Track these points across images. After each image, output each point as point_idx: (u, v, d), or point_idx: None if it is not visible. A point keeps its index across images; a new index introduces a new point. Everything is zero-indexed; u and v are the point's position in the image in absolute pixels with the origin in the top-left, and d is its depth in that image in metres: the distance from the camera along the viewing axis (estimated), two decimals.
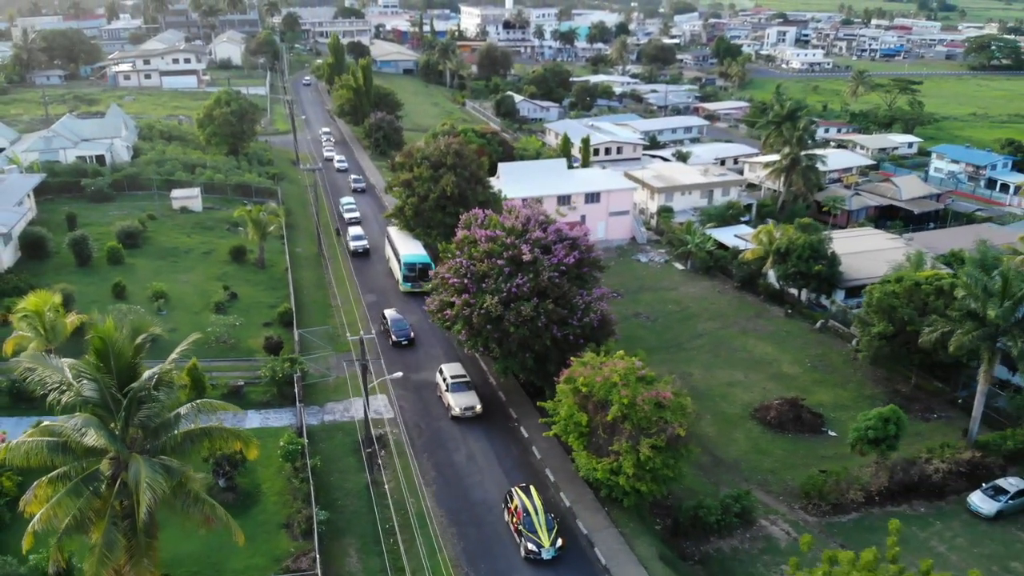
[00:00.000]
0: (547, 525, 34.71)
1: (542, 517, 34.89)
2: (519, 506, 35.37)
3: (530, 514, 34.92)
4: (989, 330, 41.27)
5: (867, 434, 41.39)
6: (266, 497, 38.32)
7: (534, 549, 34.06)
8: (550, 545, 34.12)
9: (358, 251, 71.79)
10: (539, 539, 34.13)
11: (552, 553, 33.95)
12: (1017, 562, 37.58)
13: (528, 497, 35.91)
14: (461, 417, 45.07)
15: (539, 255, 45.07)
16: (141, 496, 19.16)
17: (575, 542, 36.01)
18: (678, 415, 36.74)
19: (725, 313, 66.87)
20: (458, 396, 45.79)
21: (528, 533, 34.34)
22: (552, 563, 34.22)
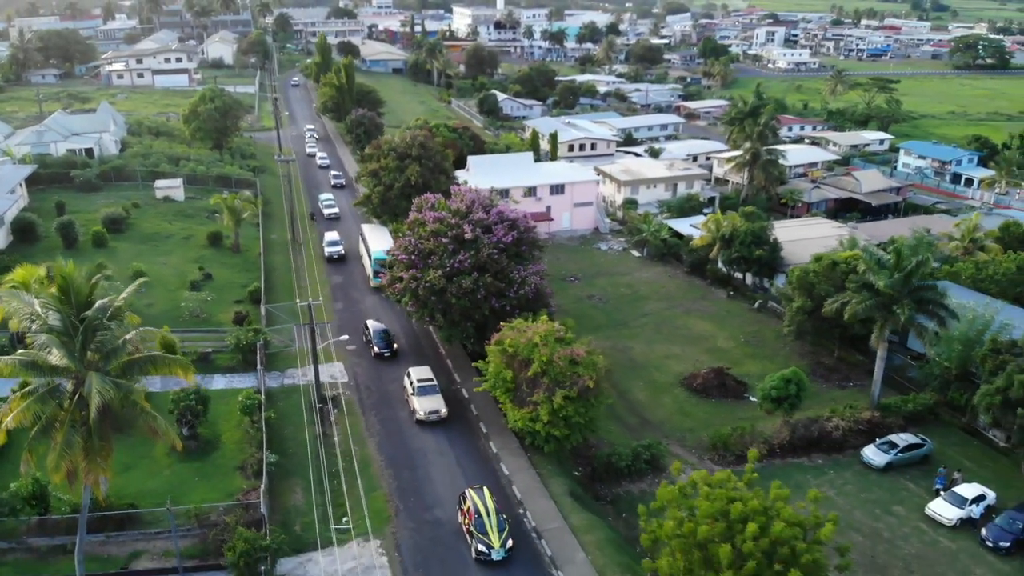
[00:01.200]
0: (498, 527, 35.24)
1: (494, 519, 35.40)
2: (471, 508, 35.93)
3: (482, 516, 35.43)
4: (882, 299, 46.15)
5: (771, 393, 46.41)
6: (225, 445, 43.33)
7: (484, 550, 34.61)
8: (500, 546, 34.67)
9: (333, 257, 71.50)
10: (489, 540, 34.68)
11: (502, 554, 34.60)
12: (900, 506, 42.39)
13: (481, 498, 36.48)
14: (425, 421, 45.43)
15: (480, 234, 50.09)
16: (92, 401, 24.08)
17: (495, 472, 41.05)
18: (589, 370, 41.69)
19: (672, 295, 71.79)
20: (423, 400, 46.19)
21: (479, 535, 34.89)
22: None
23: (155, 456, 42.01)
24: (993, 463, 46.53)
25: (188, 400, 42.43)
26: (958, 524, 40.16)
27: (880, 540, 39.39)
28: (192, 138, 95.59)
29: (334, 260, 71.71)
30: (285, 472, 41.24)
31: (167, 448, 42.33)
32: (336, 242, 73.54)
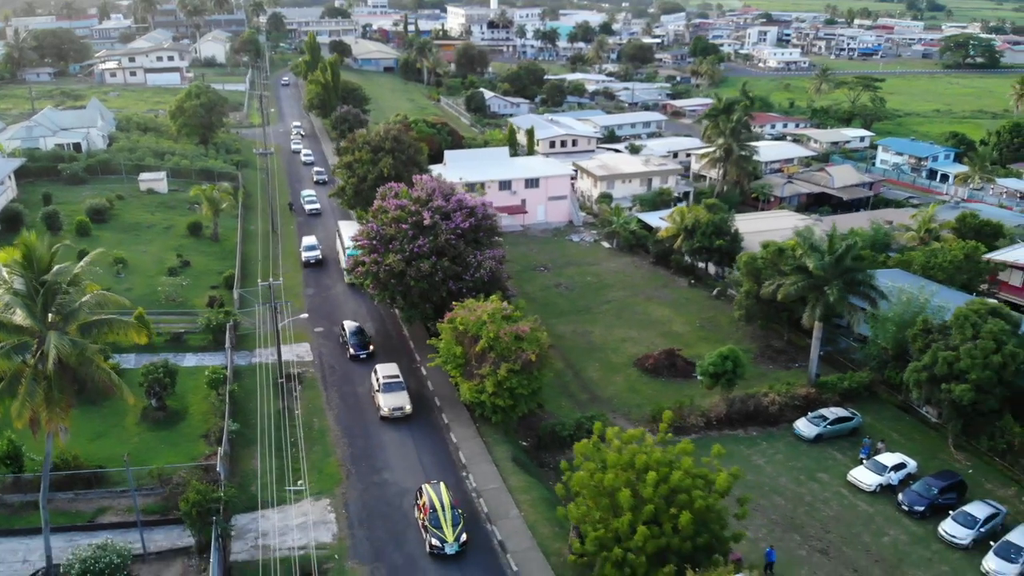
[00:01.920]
0: (452, 521, 35.58)
1: (448, 513, 35.72)
2: (427, 503, 36.38)
3: (436, 511, 35.82)
4: (814, 281, 49.12)
5: (709, 369, 49.44)
6: (192, 416, 46.38)
7: (437, 544, 35.07)
8: (453, 540, 35.10)
9: (310, 262, 70.11)
10: (443, 535, 35.10)
11: (455, 548, 35.05)
12: (825, 474, 45.31)
13: (437, 493, 36.83)
14: (390, 418, 46.07)
15: (439, 220, 53.11)
16: (49, 355, 27.13)
17: (443, 440, 44.12)
18: (533, 345, 44.66)
19: (636, 284, 74.78)
20: (388, 396, 46.61)
21: (433, 529, 35.35)
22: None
23: (125, 425, 45.07)
24: (922, 436, 49.43)
25: (157, 373, 45.46)
26: (877, 490, 43.06)
27: (801, 503, 42.30)
28: (178, 133, 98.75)
29: (311, 265, 70.10)
30: (246, 441, 44.24)
31: (136, 418, 45.82)
32: (313, 247, 71.80)
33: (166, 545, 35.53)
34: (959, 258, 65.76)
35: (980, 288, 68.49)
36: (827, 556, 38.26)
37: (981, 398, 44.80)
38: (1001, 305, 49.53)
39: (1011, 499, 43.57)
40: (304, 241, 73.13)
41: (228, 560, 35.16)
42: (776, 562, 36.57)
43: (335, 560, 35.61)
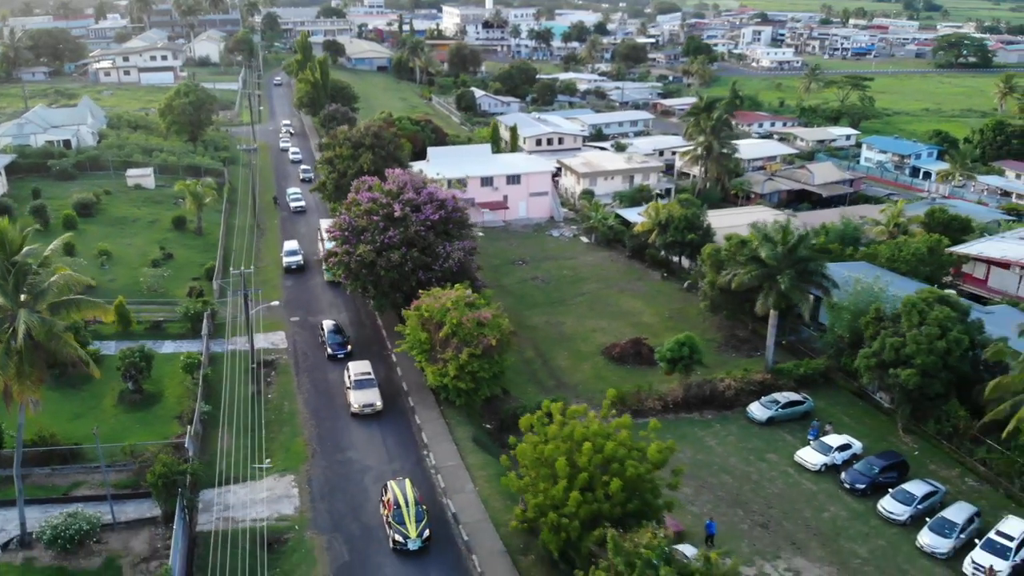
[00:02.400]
0: (416, 517, 36.03)
1: (412, 510, 36.18)
2: (392, 499, 36.86)
3: (400, 507, 36.27)
4: (767, 270, 51.11)
5: (667, 354, 51.45)
6: (167, 399, 48.42)
7: (400, 540, 35.60)
8: (416, 536, 35.62)
9: (291, 268, 69.13)
10: (406, 531, 35.62)
11: (418, 544, 35.62)
12: (774, 454, 47.26)
13: (402, 490, 37.31)
14: (360, 414, 46.91)
15: (409, 212, 55.14)
16: (19, 329, 29.18)
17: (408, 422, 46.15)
18: (494, 331, 46.65)
19: (611, 277, 76.74)
20: (359, 393, 47.49)
21: (396, 525, 35.83)
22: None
23: (103, 407, 47.13)
24: (873, 420, 51.39)
25: (133, 357, 47.51)
26: (823, 469, 45.00)
27: (748, 481, 44.25)
28: (168, 131, 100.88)
29: (292, 271, 69.13)
30: (218, 422, 46.24)
31: (114, 400, 47.88)
32: (294, 251, 70.77)
33: (134, 515, 37.54)
34: (922, 251, 67.80)
35: (944, 280, 70.52)
36: (767, 529, 40.21)
37: (927, 382, 46.77)
38: (950, 294, 51.47)
39: (954, 479, 45.47)
40: (285, 246, 72.18)
41: (194, 530, 37.21)
42: (716, 534, 38.49)
43: (295, 530, 37.66)
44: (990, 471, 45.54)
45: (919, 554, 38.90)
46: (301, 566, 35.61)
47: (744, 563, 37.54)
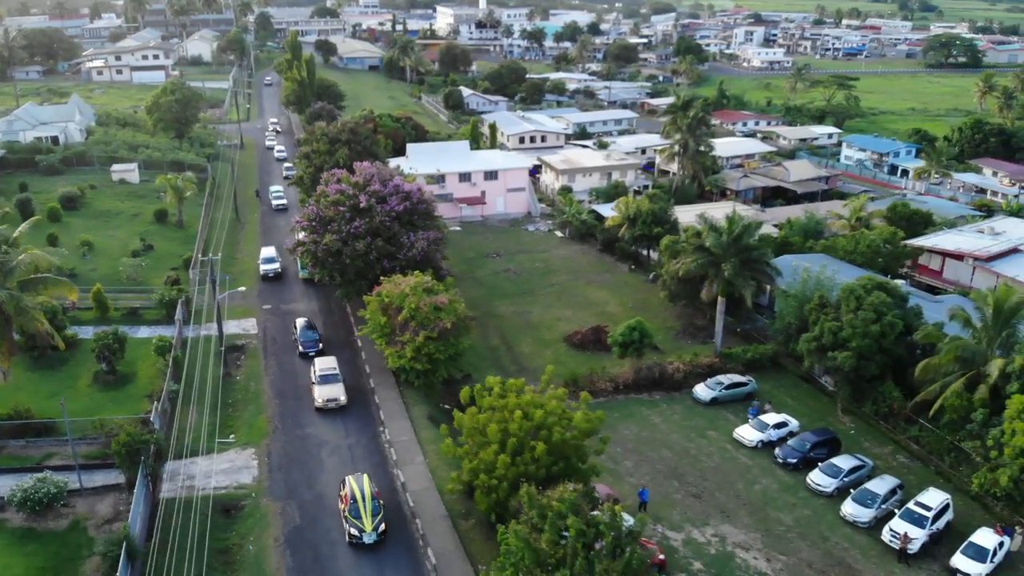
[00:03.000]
0: (372, 511, 36.69)
1: (368, 504, 36.81)
2: (348, 493, 37.57)
3: (357, 502, 36.96)
4: (713, 258, 53.74)
5: (619, 339, 54.12)
6: (139, 379, 51.09)
7: (356, 534, 36.27)
8: (372, 530, 36.26)
9: (268, 276, 67.95)
10: (362, 525, 36.29)
11: (373, 538, 36.22)
12: (714, 432, 49.84)
13: (359, 484, 37.95)
14: (324, 408, 47.99)
15: (375, 204, 57.83)
16: None
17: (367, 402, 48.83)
18: (450, 314, 49.29)
19: (581, 269, 79.38)
20: (323, 388, 48.64)
21: (353, 519, 36.55)
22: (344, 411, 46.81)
23: (78, 387, 49.76)
24: (815, 402, 54.03)
25: (107, 340, 50.17)
26: (759, 446, 47.60)
27: (687, 456, 46.86)
28: (155, 128, 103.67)
29: (270, 279, 67.95)
30: (187, 400, 48.85)
31: (89, 380, 50.55)
32: (272, 259, 69.46)
33: (101, 483, 40.19)
34: (877, 243, 70.46)
35: (900, 271, 73.18)
36: (699, 499, 42.80)
37: (863, 364, 49.43)
38: (887, 281, 54.00)
39: (886, 456, 48.06)
40: (263, 253, 70.79)
41: (157, 497, 39.85)
42: (649, 502, 41.10)
43: (252, 498, 40.33)
44: (921, 449, 48.14)
45: (842, 523, 41.46)
46: (255, 529, 38.29)
47: (673, 529, 40.30)
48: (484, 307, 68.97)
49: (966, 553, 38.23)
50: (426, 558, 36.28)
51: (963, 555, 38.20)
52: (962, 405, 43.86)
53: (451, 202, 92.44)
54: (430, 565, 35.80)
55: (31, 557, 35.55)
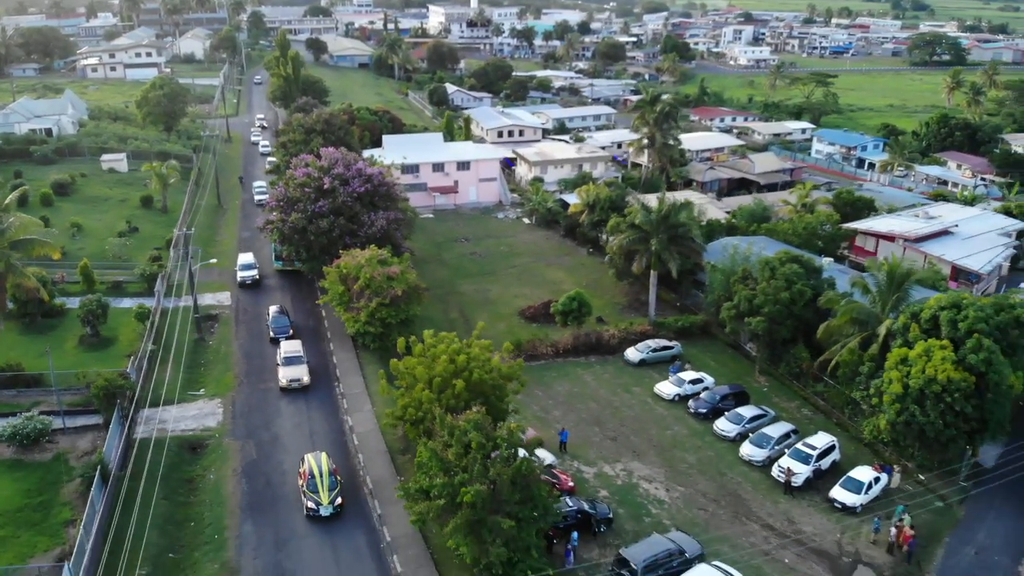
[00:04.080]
0: (329, 486, 39.50)
1: (326, 480, 39.68)
2: (307, 470, 40.37)
3: (315, 477, 39.79)
4: (643, 234, 59.49)
5: (559, 308, 59.89)
6: (120, 342, 56.89)
7: (313, 507, 39.03)
8: (328, 503, 39.05)
9: (246, 283, 67.78)
10: (319, 499, 39.10)
11: (330, 511, 39.02)
12: (638, 387, 55.37)
13: (317, 462, 40.75)
14: (287, 388, 51.11)
15: (338, 185, 63.64)
16: None
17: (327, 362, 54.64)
18: (402, 283, 55.05)
19: (543, 252, 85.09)
20: (287, 369, 51.86)
21: (310, 493, 39.29)
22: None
23: (65, 348, 55.49)
24: (737, 364, 59.78)
25: (92, 306, 55.99)
26: (676, 399, 53.28)
27: (610, 407, 52.54)
28: (144, 121, 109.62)
29: (247, 286, 67.96)
30: (163, 361, 54.62)
31: (75, 343, 56.34)
32: (249, 265, 69.32)
33: (81, 424, 45.98)
34: (815, 226, 76.24)
35: (837, 252, 78.78)
36: (615, 442, 48.49)
37: (774, 329, 55.06)
38: (802, 255, 59.55)
39: (793, 410, 53.70)
40: (240, 259, 70.68)
41: (132, 437, 45.60)
42: (568, 442, 46.83)
43: (215, 438, 46.17)
44: (825, 403, 53.82)
45: (740, 463, 47.09)
46: (217, 462, 44.11)
47: (588, 465, 46.03)
48: (447, 286, 74.67)
49: (844, 486, 43.88)
50: (364, 484, 42.07)
51: (841, 487, 43.86)
52: (853, 361, 49.53)
53: (425, 191, 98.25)
54: (367, 489, 41.60)
55: (19, 482, 41.35)
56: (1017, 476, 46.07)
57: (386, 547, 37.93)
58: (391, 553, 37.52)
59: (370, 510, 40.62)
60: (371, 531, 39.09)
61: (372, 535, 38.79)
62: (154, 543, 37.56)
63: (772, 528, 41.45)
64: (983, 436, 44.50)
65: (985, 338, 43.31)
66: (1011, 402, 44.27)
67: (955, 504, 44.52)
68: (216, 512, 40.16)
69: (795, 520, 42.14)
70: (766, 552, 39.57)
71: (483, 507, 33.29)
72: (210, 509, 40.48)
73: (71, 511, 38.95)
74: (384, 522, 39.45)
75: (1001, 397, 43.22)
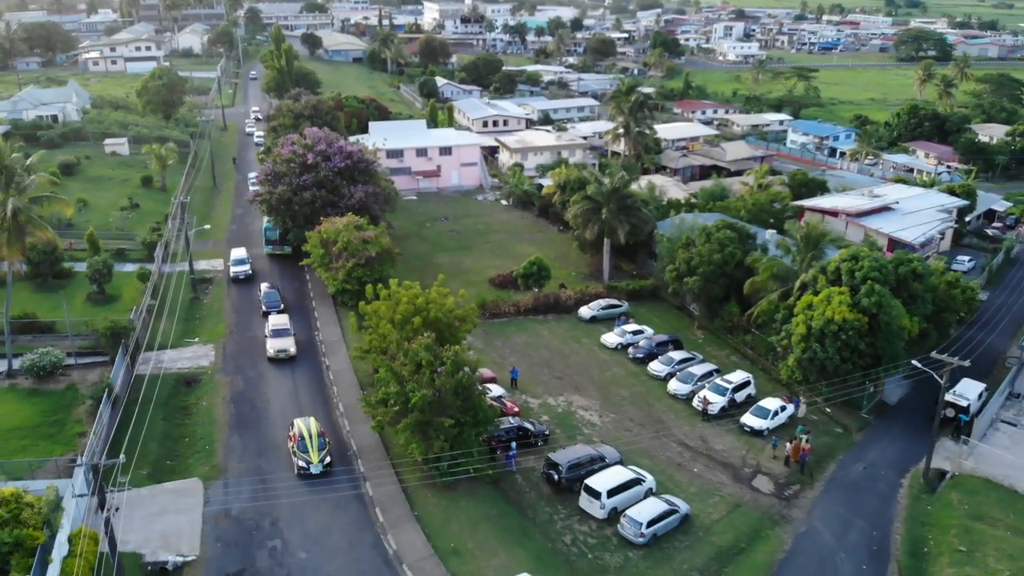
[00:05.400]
0: (318, 447, 42.85)
1: (315, 441, 43.06)
2: (297, 433, 43.78)
3: (304, 439, 43.18)
4: (595, 204, 66.60)
5: (521, 271, 67.01)
6: (124, 299, 64.07)
7: (303, 465, 42.25)
8: (318, 462, 42.30)
9: (239, 278, 69.20)
10: (309, 458, 42.41)
11: (319, 468, 42.25)
12: (587, 339, 62.42)
13: (307, 425, 44.20)
14: (275, 359, 54.94)
15: (320, 161, 70.79)
16: (8, 210, 44.77)
17: (308, 317, 61.82)
18: (376, 246, 62.12)
19: (516, 230, 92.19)
20: (274, 341, 55.85)
21: (301, 453, 42.61)
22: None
23: (74, 303, 62.65)
24: (679, 321, 66.87)
25: (98, 266, 63.19)
26: (618, 347, 60.36)
27: (560, 354, 59.62)
28: (144, 109, 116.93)
29: (240, 281, 69.49)
30: (161, 314, 61.67)
31: (83, 299, 63.53)
32: (242, 260, 71.03)
33: (90, 362, 53.15)
34: (764, 202, 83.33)
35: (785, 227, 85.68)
36: (560, 380, 55.59)
37: (709, 287, 62.22)
38: (736, 222, 66.58)
39: (723, 357, 60.60)
40: (233, 254, 72.57)
41: (134, 372, 52.72)
42: (518, 379, 53.93)
43: (207, 374, 53.31)
44: (753, 351, 60.87)
45: (667, 396, 54.12)
46: (209, 393, 51.28)
47: (534, 397, 53.12)
48: (426, 258, 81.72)
49: (753, 413, 50.95)
50: (336, 410, 49.25)
51: (751, 414, 50.92)
52: (770, 310, 56.59)
53: (409, 175, 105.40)
54: (339, 412, 48.79)
55: (36, 406, 48.51)
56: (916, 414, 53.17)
57: (352, 455, 45.05)
58: (357, 458, 44.64)
59: (341, 424, 47.86)
60: (341, 441, 46.21)
61: (342, 445, 45.88)
62: (153, 452, 44.70)
63: (687, 446, 48.52)
64: (878, 371, 51.49)
65: (877, 284, 50.34)
66: (902, 341, 51.19)
67: (854, 431, 51.55)
68: (207, 429, 47.30)
69: (708, 440, 49.21)
70: (679, 464, 46.64)
71: (429, 410, 40.43)
72: (202, 427, 47.61)
73: (82, 426, 46.07)
74: (351, 436, 46.60)
75: (891, 336, 50.22)
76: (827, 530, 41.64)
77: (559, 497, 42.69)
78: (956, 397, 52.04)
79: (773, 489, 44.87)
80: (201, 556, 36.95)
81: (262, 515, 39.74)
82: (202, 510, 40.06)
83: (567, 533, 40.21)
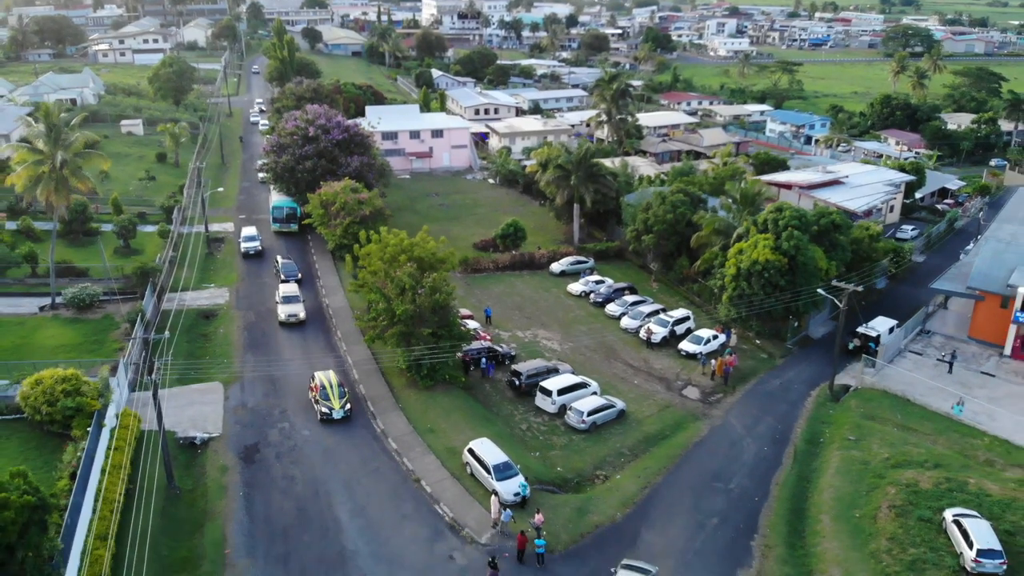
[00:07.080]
0: (339, 395, 47.37)
1: (336, 390, 47.64)
2: (318, 383, 48.22)
3: (326, 388, 47.78)
4: (565, 173, 76.15)
5: (499, 232, 76.55)
6: (147, 251, 73.74)
7: (326, 411, 46.77)
8: (340, 408, 46.87)
9: (249, 253, 74.87)
10: (331, 404, 46.70)
11: (341, 414, 46.91)
12: (556, 289, 71.76)
13: (327, 377, 48.80)
14: (286, 323, 60.34)
15: (320, 134, 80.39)
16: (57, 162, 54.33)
17: (310, 268, 71.43)
18: (369, 206, 71.66)
19: (501, 204, 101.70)
20: (285, 306, 61.12)
21: (323, 401, 47.09)
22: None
23: (106, 256, 72.28)
24: (639, 276, 76.15)
25: (124, 223, 72.79)
26: (582, 295, 69.84)
27: (530, 300, 69.12)
28: (155, 95, 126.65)
29: (251, 256, 75.06)
30: (181, 264, 71.37)
31: (111, 253, 73.14)
32: (253, 237, 77.11)
33: (121, 298, 62.75)
34: (723, 176, 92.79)
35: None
36: (529, 319, 65.07)
37: (662, 244, 71.70)
38: (689, 188, 75.97)
39: (673, 303, 69.67)
40: (244, 231, 78.54)
41: (160, 308, 62.22)
42: (492, 317, 63.42)
43: (223, 309, 62.87)
44: (699, 298, 70.32)
45: (619, 330, 63.52)
46: (225, 323, 60.85)
47: (506, 331, 62.59)
48: (416, 228, 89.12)
49: (689, 340, 60.36)
50: (335, 333, 58.83)
51: (688, 342, 60.33)
52: (710, 258, 66.05)
53: (403, 155, 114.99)
54: (337, 336, 58.32)
55: (78, 330, 58.03)
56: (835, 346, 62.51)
57: (350, 365, 54.57)
58: (353, 369, 54.17)
59: (337, 342, 57.57)
60: (339, 356, 55.74)
61: (338, 356, 55.40)
62: (179, 366, 54.19)
63: (631, 365, 58.01)
64: (798, 307, 60.87)
65: (796, 231, 59.78)
66: (819, 280, 60.50)
67: (777, 357, 60.98)
68: (225, 349, 56.87)
69: (649, 361, 58.70)
70: (623, 377, 56.11)
71: (411, 322, 49.98)
72: (221, 348, 57.18)
73: (119, 343, 55.59)
74: (348, 354, 56.23)
75: (808, 275, 59.61)
76: (739, 424, 51.07)
77: (520, 399, 52.19)
78: (867, 328, 61.42)
79: (699, 396, 54.34)
80: (223, 433, 46.48)
81: (273, 407, 49.27)
82: (223, 403, 49.61)
83: (524, 423, 49.74)
